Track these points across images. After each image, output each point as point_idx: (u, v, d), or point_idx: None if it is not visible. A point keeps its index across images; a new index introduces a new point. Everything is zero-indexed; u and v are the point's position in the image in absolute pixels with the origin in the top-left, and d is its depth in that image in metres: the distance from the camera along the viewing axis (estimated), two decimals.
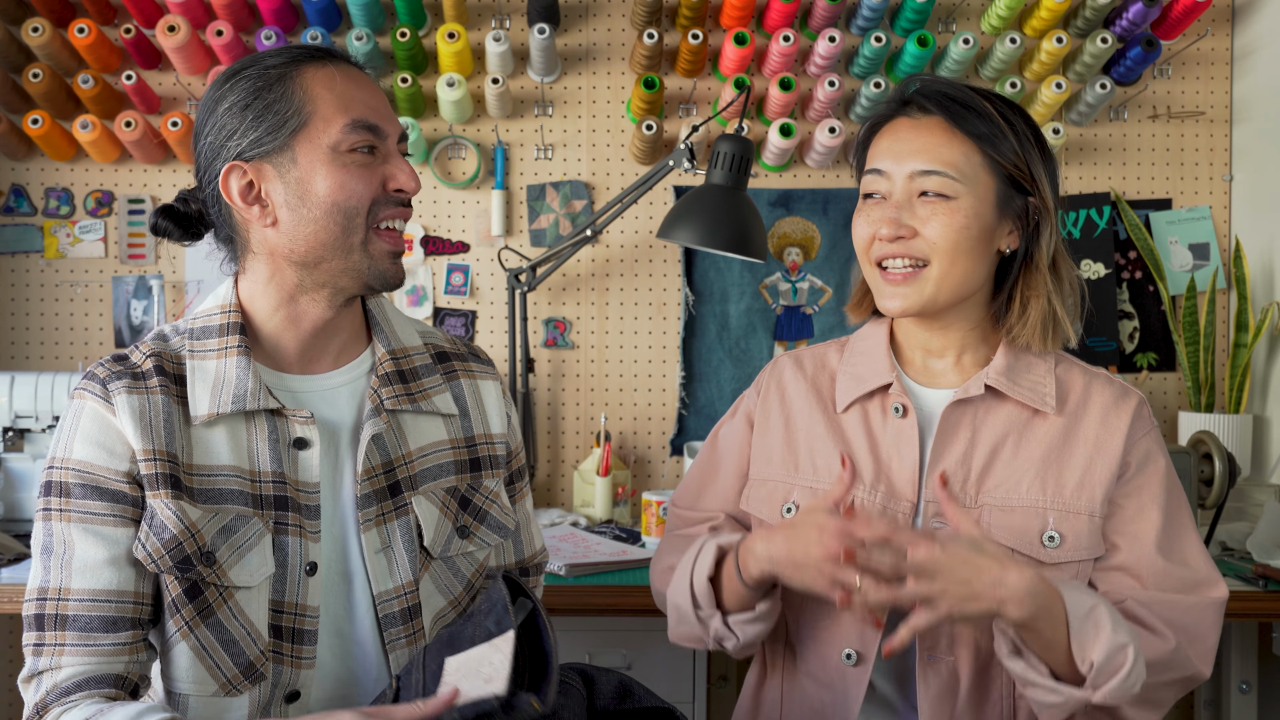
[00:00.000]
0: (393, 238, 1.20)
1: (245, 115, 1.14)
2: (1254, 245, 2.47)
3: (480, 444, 1.29)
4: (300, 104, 1.14)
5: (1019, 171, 1.25)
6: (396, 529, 1.20)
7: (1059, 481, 1.25)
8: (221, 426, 1.16)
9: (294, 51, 1.17)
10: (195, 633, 1.13)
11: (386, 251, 1.19)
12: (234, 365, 1.17)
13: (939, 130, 1.25)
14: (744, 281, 2.56)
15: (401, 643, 1.20)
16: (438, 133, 2.54)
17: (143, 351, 1.19)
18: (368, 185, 1.16)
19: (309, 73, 1.15)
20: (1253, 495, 2.29)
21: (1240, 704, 2.24)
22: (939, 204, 1.23)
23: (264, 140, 1.14)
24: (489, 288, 2.57)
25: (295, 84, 1.14)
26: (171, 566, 1.12)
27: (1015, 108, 1.28)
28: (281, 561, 1.15)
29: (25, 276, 2.53)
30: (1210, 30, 2.53)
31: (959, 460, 1.27)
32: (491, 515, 1.29)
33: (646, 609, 1.86)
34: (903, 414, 1.30)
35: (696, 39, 2.37)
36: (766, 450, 1.38)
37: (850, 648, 1.27)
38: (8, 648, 2.55)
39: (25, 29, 2.32)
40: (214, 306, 1.22)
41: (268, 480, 1.16)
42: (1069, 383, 1.31)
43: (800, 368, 1.41)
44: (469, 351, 1.35)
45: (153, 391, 1.15)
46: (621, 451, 2.57)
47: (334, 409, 1.22)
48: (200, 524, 1.13)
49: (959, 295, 1.26)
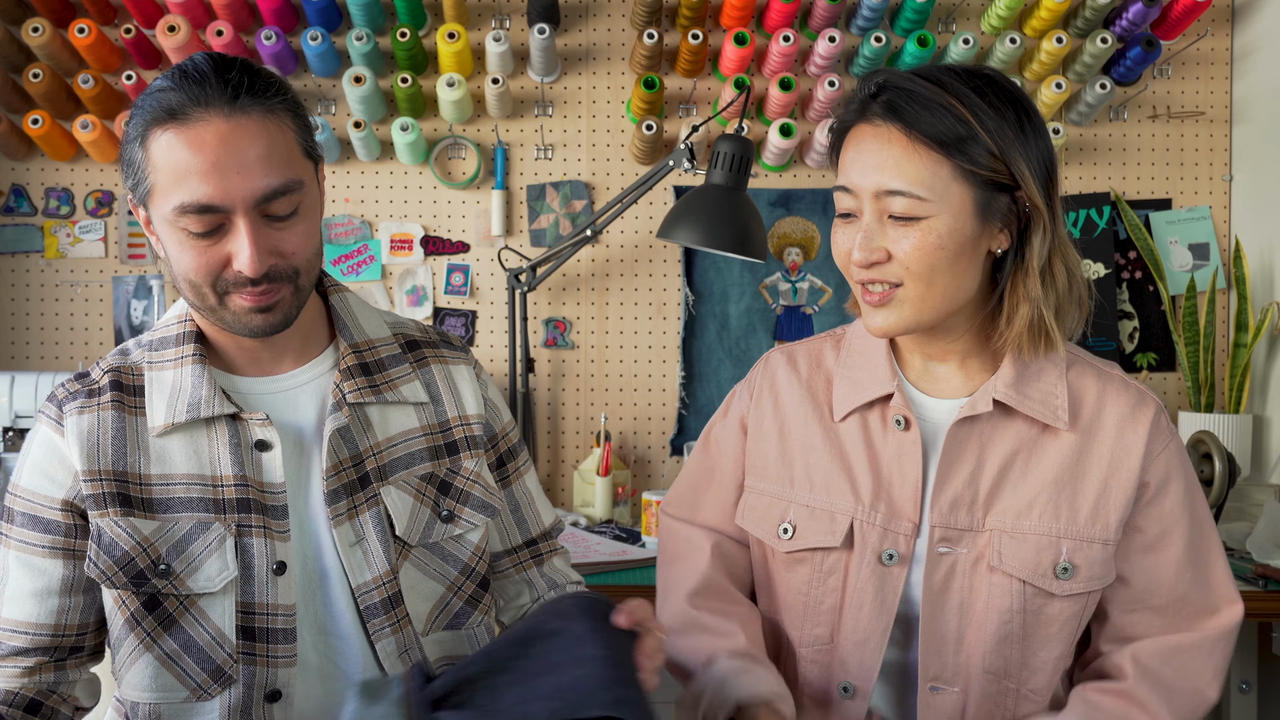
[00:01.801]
0: (249, 297, 1.11)
1: (122, 159, 1.13)
2: (1254, 245, 2.47)
3: (455, 426, 1.29)
4: (145, 172, 1.09)
5: (997, 173, 1.12)
6: (369, 520, 1.20)
7: (1073, 506, 1.18)
8: (180, 435, 1.17)
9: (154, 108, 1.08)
10: (159, 643, 1.15)
11: (245, 308, 1.12)
12: (189, 374, 1.18)
13: (898, 140, 1.13)
14: (744, 281, 2.56)
15: (386, 632, 1.20)
16: (438, 133, 2.55)
17: (102, 368, 1.22)
18: (205, 263, 1.10)
19: (155, 139, 1.07)
20: (1252, 495, 2.29)
21: (1240, 704, 2.24)
22: (909, 226, 1.13)
23: (133, 193, 1.13)
24: (489, 288, 2.57)
25: (143, 149, 1.09)
26: (126, 582, 1.14)
27: (987, 89, 1.14)
28: (247, 564, 1.16)
29: (25, 276, 2.53)
30: (1210, 30, 2.53)
31: (965, 481, 1.20)
32: (475, 496, 1.28)
33: None
34: (905, 427, 1.22)
35: (696, 39, 2.37)
36: (761, 458, 1.32)
37: (847, 680, 1.23)
38: None
39: (25, 29, 2.32)
40: (172, 317, 1.23)
41: (229, 484, 1.16)
42: (1081, 390, 1.22)
43: (794, 368, 1.33)
44: (440, 339, 1.34)
45: (104, 408, 1.18)
46: (621, 451, 2.57)
47: (296, 409, 1.22)
48: (153, 538, 1.14)
49: (946, 311, 1.17)
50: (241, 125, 1.07)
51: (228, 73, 1.08)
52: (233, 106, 1.07)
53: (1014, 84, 1.17)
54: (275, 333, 1.15)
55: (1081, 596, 1.20)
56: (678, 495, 1.42)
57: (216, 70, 1.09)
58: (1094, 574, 1.19)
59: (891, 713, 1.26)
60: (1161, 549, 1.22)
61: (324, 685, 1.20)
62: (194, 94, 1.07)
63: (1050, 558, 1.18)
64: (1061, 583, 1.18)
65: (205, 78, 1.08)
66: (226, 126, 1.06)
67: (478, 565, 1.28)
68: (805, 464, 1.27)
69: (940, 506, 1.20)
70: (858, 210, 1.17)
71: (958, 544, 1.19)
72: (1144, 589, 1.22)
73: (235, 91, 1.07)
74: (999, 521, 1.19)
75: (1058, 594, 1.18)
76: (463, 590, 1.27)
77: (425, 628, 1.24)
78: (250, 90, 1.08)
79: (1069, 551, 1.18)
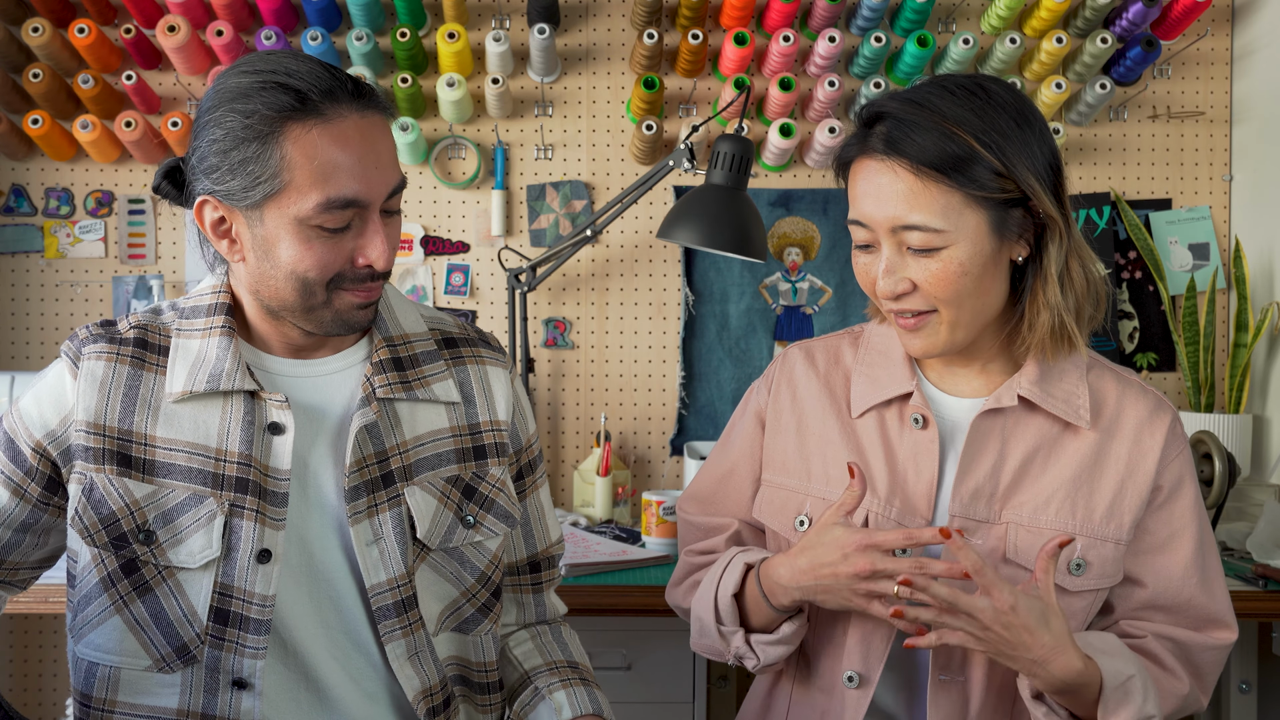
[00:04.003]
0: (362, 293, 1.15)
1: (224, 160, 1.09)
2: (1254, 245, 2.47)
3: (485, 431, 1.26)
4: (276, 169, 1.07)
5: (1007, 192, 1.13)
6: (388, 520, 1.18)
7: (1089, 505, 1.20)
8: (195, 403, 1.16)
9: (285, 99, 1.07)
10: (130, 608, 1.14)
11: (353, 305, 1.15)
12: (215, 345, 1.17)
13: (906, 174, 1.13)
14: (744, 281, 2.56)
15: (397, 634, 1.18)
16: (438, 133, 2.55)
17: (130, 322, 1.21)
18: (332, 260, 1.11)
19: (293, 135, 1.07)
20: (1252, 495, 2.29)
21: (1240, 704, 2.24)
22: (930, 257, 1.14)
23: (236, 194, 1.10)
24: (489, 288, 2.57)
25: (275, 146, 1.07)
26: (107, 542, 1.13)
27: (986, 105, 1.14)
28: (231, 545, 1.13)
29: (25, 276, 2.53)
30: (1210, 30, 2.53)
31: (988, 474, 1.21)
32: (498, 504, 1.26)
33: (646, 609, 1.86)
34: (922, 425, 1.23)
35: (696, 39, 2.37)
36: (779, 453, 1.32)
37: (853, 670, 1.23)
38: (8, 648, 2.55)
39: (25, 29, 2.32)
40: (207, 287, 1.22)
41: (232, 461, 1.15)
42: (1102, 392, 1.24)
43: (812, 363, 1.33)
44: (479, 338, 1.32)
45: (122, 360, 1.17)
46: (621, 451, 2.57)
47: (324, 396, 1.20)
48: (144, 502, 1.13)
49: (979, 327, 1.19)
50: (371, 122, 1.11)
51: (335, 71, 1.11)
52: (361, 103, 1.10)
53: (1010, 88, 1.17)
54: (366, 328, 1.18)
55: (1091, 593, 1.21)
56: (695, 492, 1.42)
57: (325, 68, 1.11)
58: (1105, 572, 1.20)
59: (897, 702, 1.26)
60: (1170, 551, 1.23)
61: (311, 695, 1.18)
62: (322, 89, 1.08)
63: (1065, 553, 1.19)
64: (1074, 578, 1.19)
65: (322, 74, 1.09)
66: (363, 123, 1.10)
67: (494, 574, 1.27)
68: (823, 458, 1.28)
69: (961, 496, 1.20)
70: (875, 242, 1.18)
71: (973, 535, 1.20)
72: (1152, 590, 1.23)
73: (356, 89, 1.11)
74: (1015, 515, 1.20)
75: (1070, 589, 1.19)
76: (476, 597, 1.25)
77: (435, 628, 1.22)
78: (366, 89, 1.12)
79: (1083, 548, 1.19)
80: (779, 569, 1.19)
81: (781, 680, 1.34)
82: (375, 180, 1.10)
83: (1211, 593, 1.24)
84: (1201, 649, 1.23)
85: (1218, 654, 1.24)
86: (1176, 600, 1.22)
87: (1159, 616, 1.24)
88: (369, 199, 1.10)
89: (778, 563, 1.20)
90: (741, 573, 1.24)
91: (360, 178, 1.09)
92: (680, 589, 1.41)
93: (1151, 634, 1.23)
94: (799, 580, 1.17)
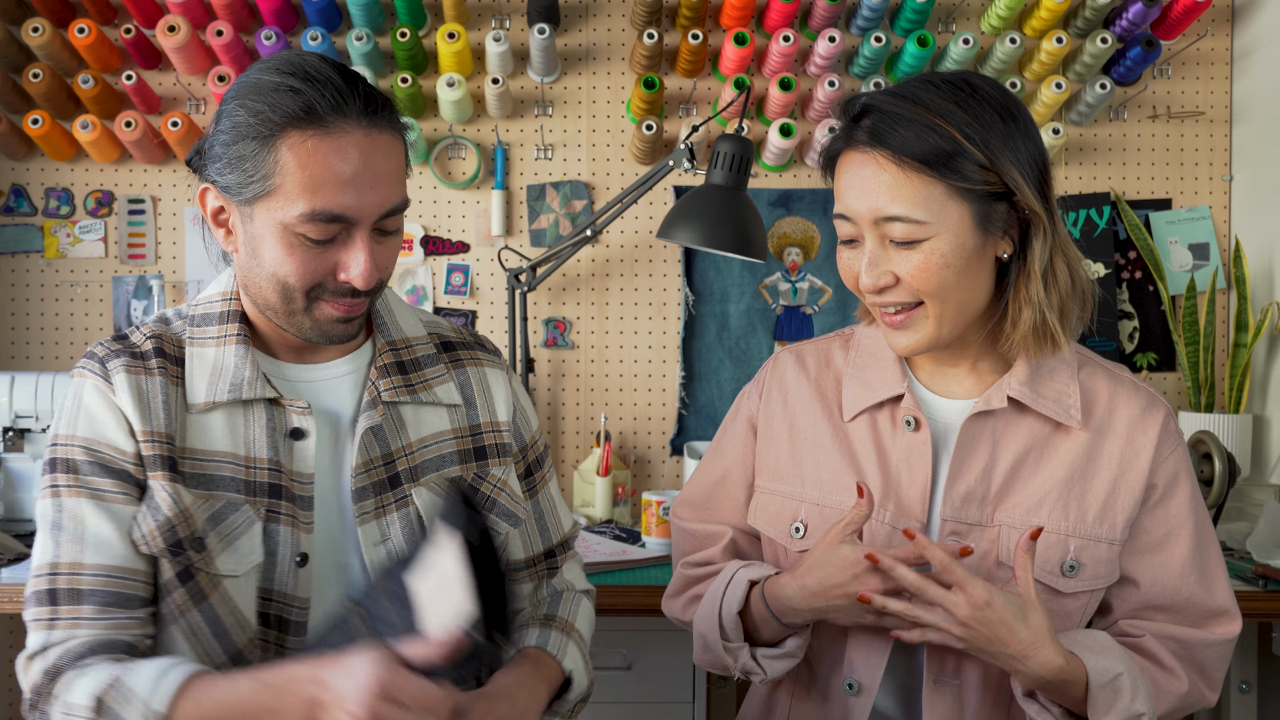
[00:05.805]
0: (342, 306, 1.14)
1: (227, 152, 1.10)
2: (1254, 245, 2.47)
3: (486, 432, 1.28)
4: (269, 171, 1.07)
5: (990, 184, 1.13)
6: (396, 521, 1.19)
7: (1081, 506, 1.20)
8: (218, 413, 1.16)
9: (291, 104, 1.07)
10: (186, 616, 1.14)
11: (333, 317, 1.15)
12: (232, 354, 1.17)
13: (889, 166, 1.13)
14: (744, 281, 2.56)
15: None
16: (438, 133, 2.55)
17: (143, 333, 1.20)
18: (313, 269, 1.11)
19: (290, 141, 1.07)
20: (1252, 495, 2.29)
21: (1240, 704, 2.24)
22: (912, 249, 1.14)
23: (232, 188, 1.11)
24: (489, 288, 2.57)
25: (272, 149, 1.07)
26: (164, 549, 1.12)
27: (971, 99, 1.14)
28: (271, 550, 1.15)
29: (25, 276, 2.53)
30: (1210, 30, 2.53)
31: (979, 476, 1.20)
32: (500, 504, 1.27)
33: (646, 609, 1.86)
34: (915, 427, 1.22)
35: (696, 39, 2.37)
36: (771, 459, 1.32)
37: (853, 677, 1.23)
38: (8, 648, 2.55)
39: (25, 29, 2.32)
40: (215, 294, 1.22)
41: (262, 468, 1.16)
42: (1094, 391, 1.24)
43: (803, 367, 1.33)
44: (475, 340, 1.34)
45: (150, 373, 1.16)
46: (621, 451, 2.57)
47: (335, 398, 1.22)
48: (193, 509, 1.13)
49: (964, 323, 1.19)
50: (377, 140, 1.10)
51: (356, 84, 1.10)
52: (370, 120, 1.09)
53: (998, 86, 1.17)
54: (346, 341, 1.17)
55: (1085, 595, 1.21)
56: (688, 497, 1.41)
57: (346, 79, 1.09)
58: (1099, 573, 1.20)
59: (894, 706, 1.26)
60: (1167, 550, 1.22)
61: None
62: (332, 101, 1.07)
63: (1058, 555, 1.19)
64: (1068, 580, 1.19)
65: (338, 86, 1.08)
66: (367, 140, 1.09)
67: None
68: (815, 463, 1.28)
69: (953, 500, 1.20)
70: (859, 236, 1.18)
71: (966, 538, 1.20)
72: (1150, 589, 1.23)
73: (369, 105, 1.09)
74: (1008, 517, 1.20)
75: (1064, 591, 1.19)
76: None
77: None
78: (381, 106, 1.11)
79: (1076, 550, 1.19)
80: (787, 589, 1.19)
81: (781, 686, 1.33)
82: (367, 199, 1.09)
83: (1211, 588, 1.23)
84: (1204, 645, 1.23)
85: (1222, 649, 1.23)
86: (1175, 599, 1.22)
87: (1160, 616, 1.23)
88: (357, 216, 1.10)
89: (785, 583, 1.19)
90: (745, 590, 1.23)
91: (351, 194, 1.08)
92: (679, 602, 1.40)
93: (1151, 634, 1.23)
94: (810, 602, 1.17)
